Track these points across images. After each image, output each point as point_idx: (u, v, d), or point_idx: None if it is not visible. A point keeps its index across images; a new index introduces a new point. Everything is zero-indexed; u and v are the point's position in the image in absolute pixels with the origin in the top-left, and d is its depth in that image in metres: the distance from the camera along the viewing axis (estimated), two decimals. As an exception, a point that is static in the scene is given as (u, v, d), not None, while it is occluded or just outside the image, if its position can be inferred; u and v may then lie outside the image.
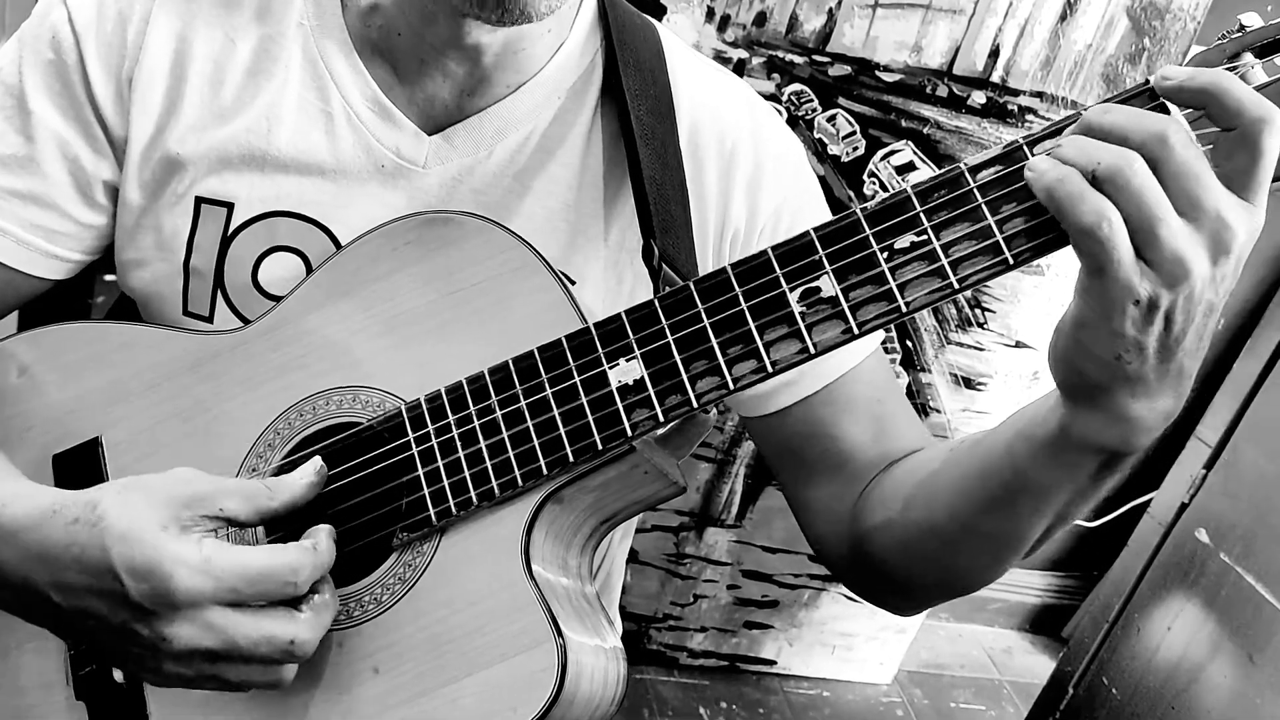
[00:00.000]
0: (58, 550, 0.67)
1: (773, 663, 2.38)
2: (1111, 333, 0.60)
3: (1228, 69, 0.62)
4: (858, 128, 1.84)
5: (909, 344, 2.05)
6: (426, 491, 0.73)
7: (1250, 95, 0.58)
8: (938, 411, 2.12)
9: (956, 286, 0.63)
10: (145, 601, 0.65)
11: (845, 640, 2.37)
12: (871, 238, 0.65)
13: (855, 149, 1.85)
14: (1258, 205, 0.60)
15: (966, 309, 2.03)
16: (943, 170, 0.64)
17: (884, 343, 2.00)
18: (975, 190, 0.63)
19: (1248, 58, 0.62)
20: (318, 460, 0.73)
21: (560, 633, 0.68)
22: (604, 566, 1.08)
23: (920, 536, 0.81)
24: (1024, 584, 2.71)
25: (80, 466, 0.83)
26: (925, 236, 0.64)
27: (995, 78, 1.81)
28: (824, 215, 0.94)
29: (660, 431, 0.73)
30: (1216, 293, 0.61)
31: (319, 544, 0.69)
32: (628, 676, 0.77)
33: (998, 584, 2.69)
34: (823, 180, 1.84)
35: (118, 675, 0.79)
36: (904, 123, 1.84)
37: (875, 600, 0.94)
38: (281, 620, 0.67)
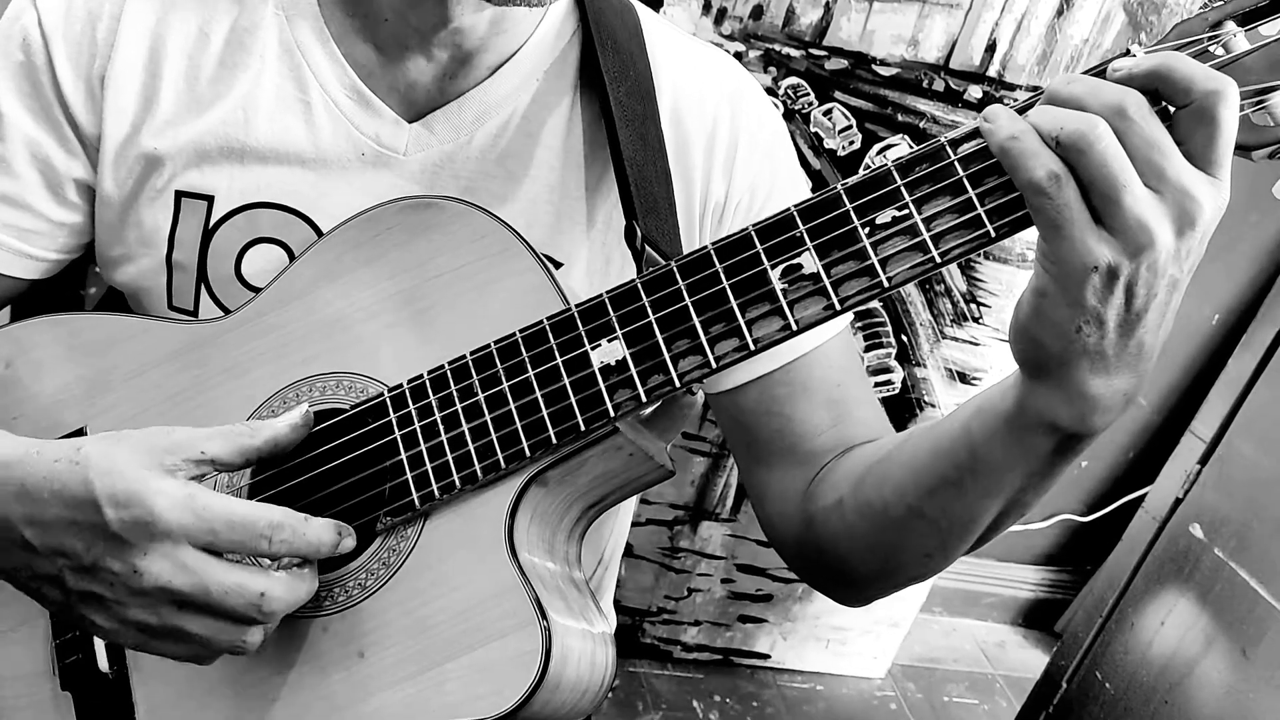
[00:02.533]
0: (37, 484, 0.67)
1: (766, 656, 2.38)
2: (1071, 301, 0.60)
3: (1210, 38, 0.62)
4: (854, 121, 1.83)
5: (904, 338, 2.05)
6: (409, 475, 0.73)
7: (1199, 69, 0.58)
8: (932, 406, 2.12)
9: (938, 260, 0.63)
10: (124, 531, 0.65)
11: (839, 634, 2.37)
12: (853, 213, 0.65)
13: (851, 143, 1.85)
14: (1222, 179, 0.59)
15: (961, 303, 2.03)
16: (924, 144, 0.64)
17: (879, 337, 2.02)
18: (956, 163, 0.63)
19: (1230, 26, 0.62)
20: (304, 407, 0.74)
21: (544, 615, 0.68)
22: (607, 554, 1.07)
23: (867, 519, 0.81)
24: (1017, 578, 2.72)
25: None
26: (907, 211, 0.63)
27: (992, 72, 1.81)
28: (799, 189, 0.94)
29: (645, 413, 0.73)
30: (1181, 268, 0.60)
31: (312, 520, 0.68)
32: (617, 662, 0.77)
33: (991, 578, 2.72)
34: (818, 174, 1.84)
35: (103, 664, 0.79)
36: (900, 117, 1.84)
37: (821, 588, 0.93)
38: (254, 571, 0.67)
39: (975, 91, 1.83)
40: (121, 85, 0.85)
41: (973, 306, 2.04)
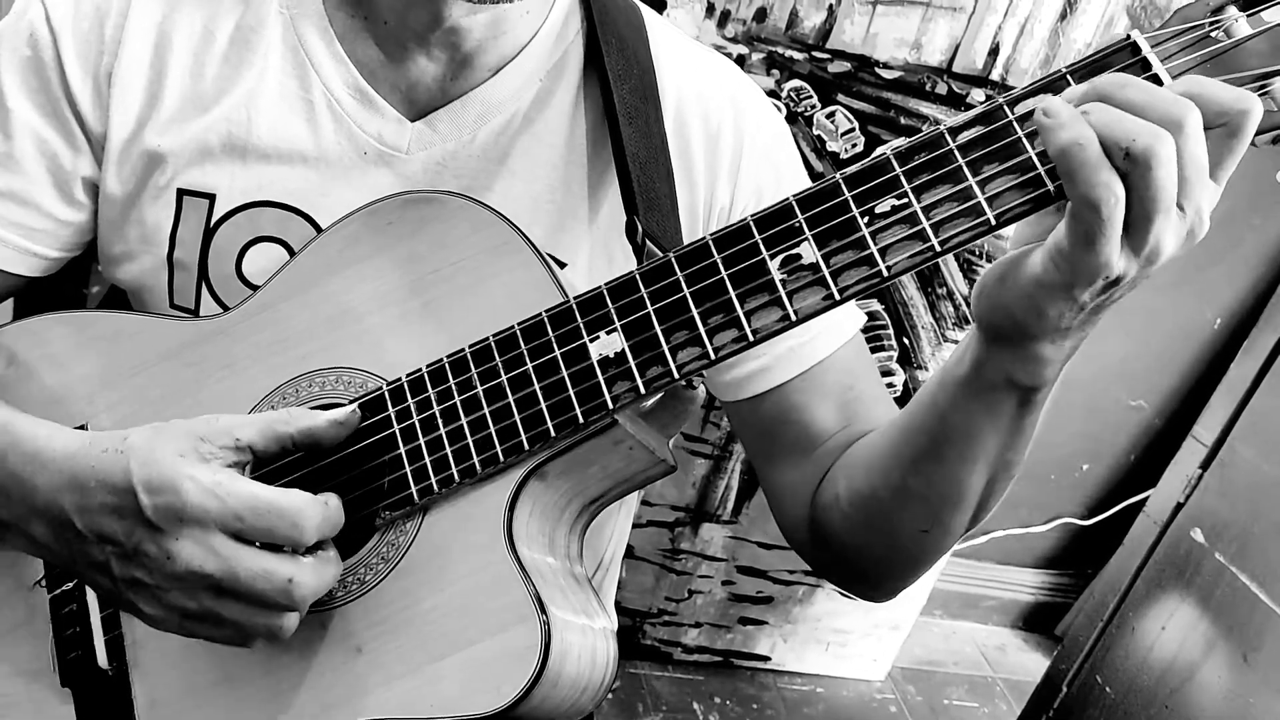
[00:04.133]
0: (86, 473, 0.70)
1: (767, 658, 2.38)
2: (1069, 297, 0.61)
3: (1211, 23, 0.62)
4: (857, 124, 1.83)
5: (905, 341, 2.05)
6: (408, 469, 0.73)
7: (1228, 93, 0.58)
8: (934, 409, 2.12)
9: (939, 249, 0.63)
10: (156, 517, 0.67)
11: (839, 636, 2.37)
12: (851, 202, 0.65)
13: (854, 146, 1.85)
14: (1222, 184, 0.61)
15: (963, 306, 2.03)
16: (923, 132, 0.64)
17: (881, 340, 2.02)
18: (956, 151, 0.63)
19: (1232, 10, 0.62)
20: (353, 408, 0.74)
21: (544, 610, 0.68)
22: (608, 555, 1.07)
23: (858, 507, 0.82)
24: (1018, 581, 2.71)
25: None
26: (906, 199, 0.63)
27: (995, 75, 1.81)
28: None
29: (646, 406, 0.73)
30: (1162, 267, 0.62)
31: (330, 501, 0.70)
32: (619, 658, 0.76)
33: (991, 581, 2.71)
34: (820, 177, 1.84)
35: (103, 661, 0.80)
36: (903, 120, 1.84)
37: (842, 585, 0.95)
38: (282, 558, 0.69)
39: (978, 95, 1.83)
40: (127, 83, 0.85)
41: (974, 309, 2.03)
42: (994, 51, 1.79)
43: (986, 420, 0.71)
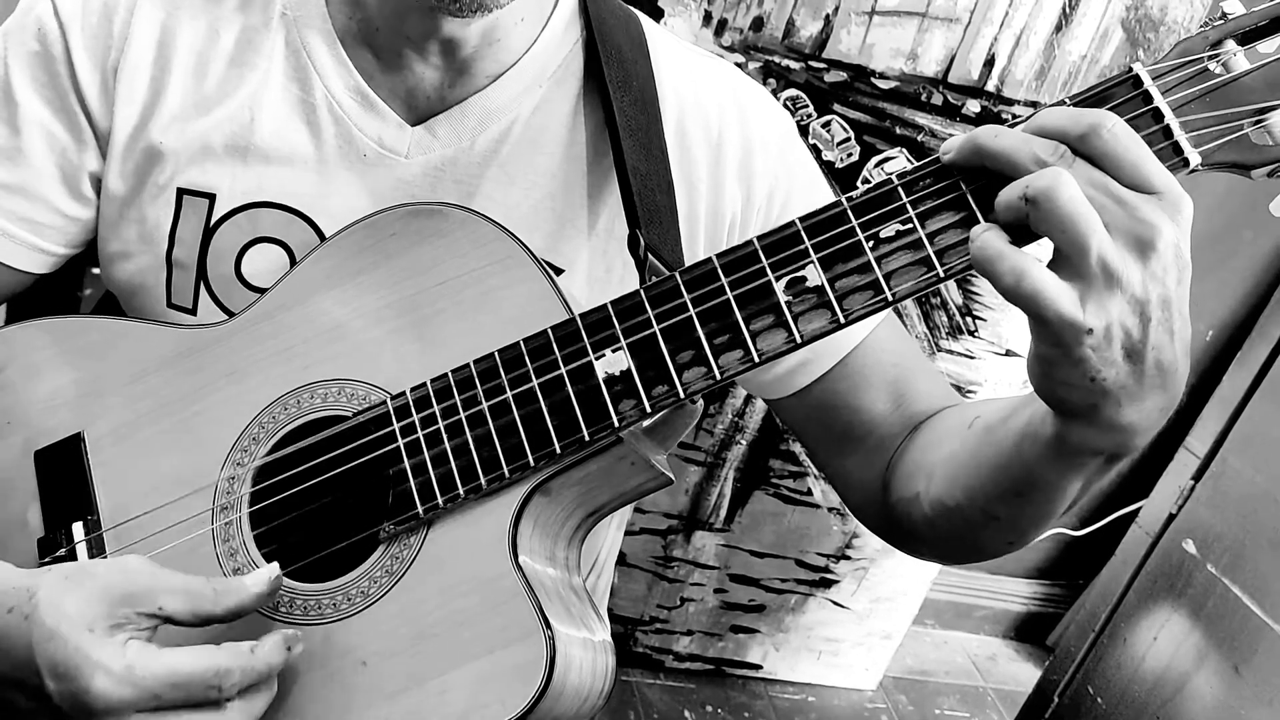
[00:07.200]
0: None
1: (758, 667, 2.38)
2: (1076, 361, 0.61)
3: (1210, 56, 0.63)
4: (852, 134, 1.84)
5: (900, 351, 2.05)
6: (413, 485, 0.73)
7: (1029, 140, 0.60)
8: (927, 418, 2.12)
9: (942, 275, 0.63)
10: (64, 704, 0.62)
11: (831, 645, 2.37)
12: (857, 227, 0.65)
13: (850, 155, 1.85)
14: (1164, 192, 0.59)
15: (957, 317, 2.03)
16: (927, 159, 0.65)
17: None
18: (960, 179, 0.63)
19: (1230, 44, 0.62)
20: (274, 567, 0.69)
21: (548, 625, 0.68)
22: (600, 560, 1.07)
23: (944, 517, 0.82)
24: (1009, 591, 2.72)
25: (62, 463, 0.82)
26: (910, 225, 0.64)
27: (990, 87, 1.82)
28: (817, 188, 0.94)
29: (647, 422, 0.73)
30: (1164, 285, 0.60)
31: (259, 648, 0.66)
32: (616, 669, 0.77)
33: (983, 591, 2.71)
34: (816, 185, 1.84)
35: None
36: (899, 130, 1.84)
37: (918, 558, 0.95)
38: (206, 713, 0.64)
39: (973, 105, 1.83)
40: (132, 78, 0.86)
41: (968, 320, 2.04)
42: (989, 62, 1.79)
43: (1076, 475, 0.69)
